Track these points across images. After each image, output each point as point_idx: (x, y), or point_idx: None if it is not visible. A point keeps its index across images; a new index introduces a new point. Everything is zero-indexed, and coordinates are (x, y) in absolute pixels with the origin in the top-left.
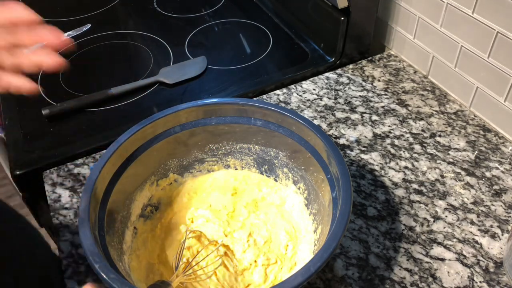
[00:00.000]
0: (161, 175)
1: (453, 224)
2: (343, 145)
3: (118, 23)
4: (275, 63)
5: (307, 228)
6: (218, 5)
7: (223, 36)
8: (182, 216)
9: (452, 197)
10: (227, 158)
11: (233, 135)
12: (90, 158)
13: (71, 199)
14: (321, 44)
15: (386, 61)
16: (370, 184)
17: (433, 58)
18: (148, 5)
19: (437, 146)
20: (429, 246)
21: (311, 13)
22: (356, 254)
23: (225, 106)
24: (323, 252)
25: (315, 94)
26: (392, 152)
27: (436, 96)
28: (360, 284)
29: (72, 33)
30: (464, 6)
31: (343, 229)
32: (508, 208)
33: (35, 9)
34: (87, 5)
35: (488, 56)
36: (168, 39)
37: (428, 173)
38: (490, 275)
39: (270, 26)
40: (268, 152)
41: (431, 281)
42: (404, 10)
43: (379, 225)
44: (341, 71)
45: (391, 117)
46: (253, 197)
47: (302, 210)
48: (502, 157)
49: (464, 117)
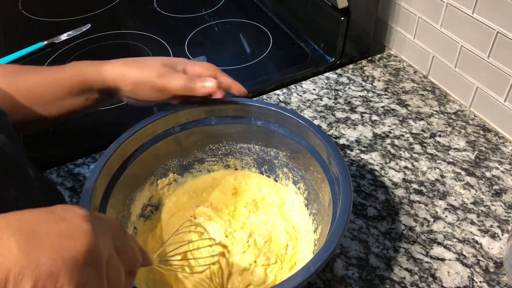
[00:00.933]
0: (161, 175)
1: (453, 224)
2: (343, 145)
3: (118, 23)
4: (275, 63)
5: (307, 228)
6: (218, 5)
7: (223, 36)
8: (182, 216)
9: (452, 197)
10: (227, 158)
11: (233, 135)
12: (90, 158)
13: (71, 199)
14: (321, 44)
15: (386, 61)
16: (370, 184)
17: (433, 58)
18: (148, 5)
19: (437, 146)
20: (429, 246)
21: (311, 13)
22: (356, 254)
23: (225, 106)
24: (323, 252)
25: (315, 94)
26: (392, 152)
27: (436, 96)
28: (360, 284)
29: (72, 33)
30: (464, 6)
31: (343, 229)
32: (508, 208)
33: (36, 9)
34: (87, 5)
35: (488, 56)
36: (168, 39)
37: (428, 173)
38: (490, 275)
39: (270, 26)
40: (268, 152)
41: (431, 281)
42: (404, 10)
43: (379, 225)
44: (341, 71)
45: (391, 117)
46: (254, 197)
47: (302, 210)
48: (502, 157)
49: (464, 117)
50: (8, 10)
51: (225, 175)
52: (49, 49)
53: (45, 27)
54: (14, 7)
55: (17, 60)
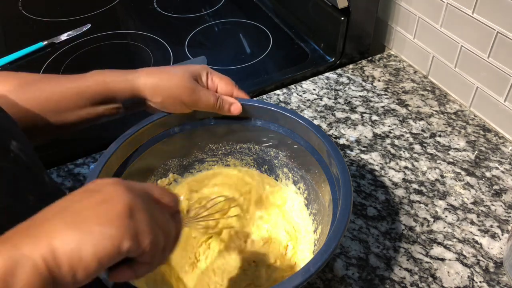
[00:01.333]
0: (161, 175)
1: (453, 224)
2: (343, 145)
3: (118, 23)
4: (275, 63)
5: (307, 228)
6: (218, 5)
7: (223, 36)
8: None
9: (452, 197)
10: (227, 158)
11: (233, 135)
12: (90, 158)
13: None
14: (321, 44)
15: (386, 61)
16: (370, 184)
17: (433, 58)
18: (148, 5)
19: (437, 146)
20: (429, 246)
21: (311, 13)
22: (356, 254)
23: None
24: (323, 252)
25: (315, 94)
26: (392, 152)
27: (436, 96)
28: (360, 284)
29: (72, 33)
30: (464, 6)
31: (343, 229)
32: (508, 208)
33: (36, 9)
34: (87, 5)
35: (488, 56)
36: (168, 39)
37: (428, 173)
38: (490, 275)
39: (270, 26)
40: (268, 152)
41: (431, 281)
42: (404, 10)
43: (379, 225)
44: (341, 71)
45: (391, 117)
46: (259, 194)
47: (302, 210)
48: (502, 157)
49: (464, 117)
50: (8, 10)
51: (227, 171)
52: (49, 49)
53: (45, 27)
54: (14, 7)
55: (17, 60)
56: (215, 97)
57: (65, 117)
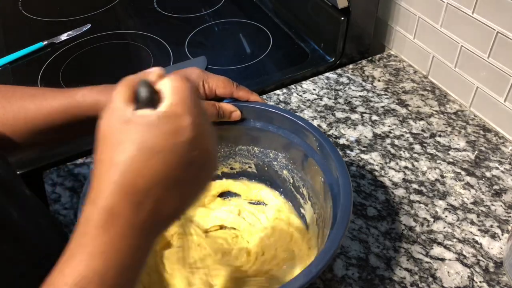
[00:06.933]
0: None
1: (453, 224)
2: (343, 145)
3: (118, 23)
4: (275, 63)
5: (308, 229)
6: (218, 5)
7: (223, 36)
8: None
9: (452, 197)
10: (226, 161)
11: (232, 137)
12: (90, 158)
13: (71, 199)
14: (321, 44)
15: (386, 61)
16: (370, 184)
17: (433, 58)
18: (148, 5)
19: (437, 146)
20: (429, 246)
21: (311, 13)
22: (356, 254)
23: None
24: (324, 253)
25: (315, 94)
26: (392, 152)
27: (436, 96)
28: (360, 284)
29: (72, 33)
30: (464, 6)
31: (344, 230)
32: (508, 208)
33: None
34: (87, 5)
35: (488, 56)
36: (168, 39)
37: (428, 173)
38: (490, 275)
39: (270, 26)
40: (268, 154)
41: (431, 281)
42: (404, 10)
43: (379, 225)
44: (341, 71)
45: (391, 117)
46: (256, 199)
47: (302, 211)
48: (502, 157)
49: (464, 117)
50: (8, 10)
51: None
52: (49, 49)
53: (45, 27)
54: (14, 7)
55: (17, 60)
56: (215, 108)
57: (62, 132)
